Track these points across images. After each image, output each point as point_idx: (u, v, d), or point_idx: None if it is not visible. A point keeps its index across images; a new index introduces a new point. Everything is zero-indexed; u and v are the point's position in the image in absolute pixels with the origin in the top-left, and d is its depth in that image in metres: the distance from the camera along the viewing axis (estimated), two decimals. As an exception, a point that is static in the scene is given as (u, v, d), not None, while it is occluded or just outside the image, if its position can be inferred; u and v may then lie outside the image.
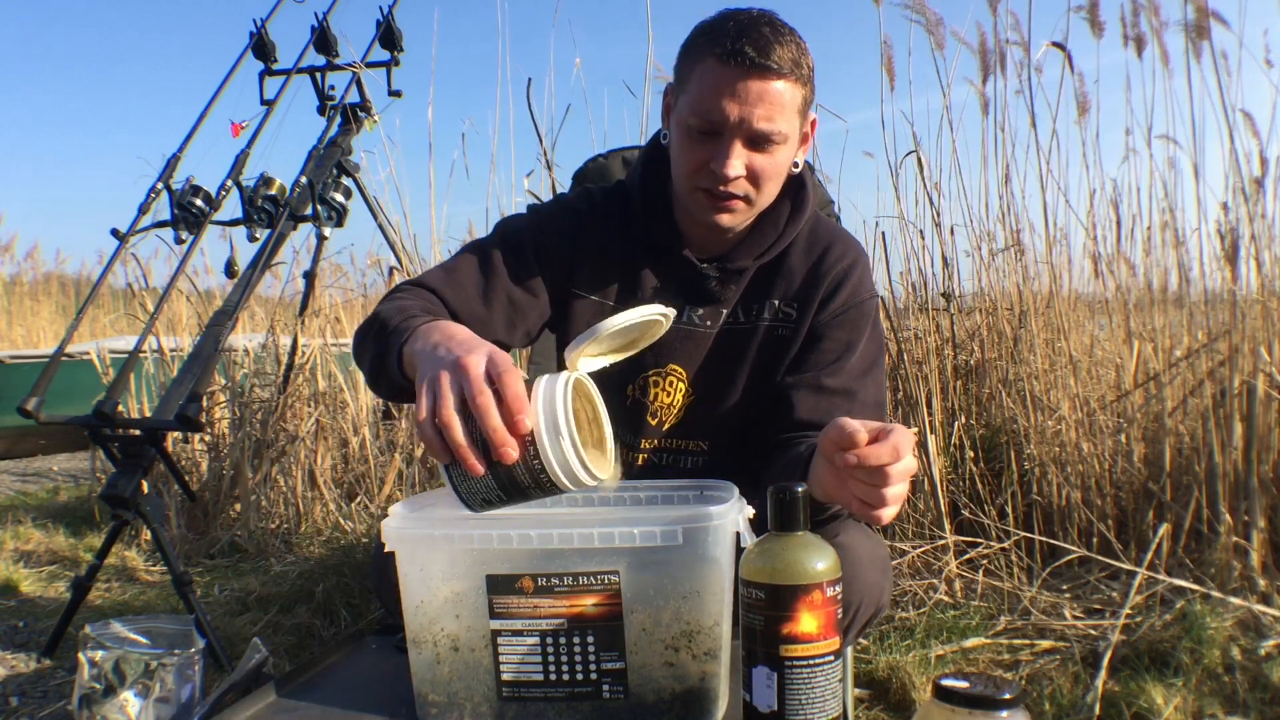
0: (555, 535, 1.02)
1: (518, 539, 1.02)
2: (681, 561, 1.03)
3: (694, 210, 1.47)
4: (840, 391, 1.48)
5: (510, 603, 1.04)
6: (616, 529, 1.01)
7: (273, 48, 3.11)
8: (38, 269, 11.12)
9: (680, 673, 1.04)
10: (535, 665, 1.05)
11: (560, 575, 1.03)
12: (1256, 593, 2.31)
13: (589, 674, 1.05)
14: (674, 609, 1.04)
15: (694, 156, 1.41)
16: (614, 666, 1.04)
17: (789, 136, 1.40)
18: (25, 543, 3.49)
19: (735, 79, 1.35)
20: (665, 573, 1.03)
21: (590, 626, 1.04)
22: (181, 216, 2.73)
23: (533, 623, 1.04)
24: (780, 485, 0.98)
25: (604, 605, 1.04)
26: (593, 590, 1.03)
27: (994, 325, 3.14)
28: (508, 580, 1.04)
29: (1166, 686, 1.96)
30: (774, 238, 1.53)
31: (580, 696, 1.05)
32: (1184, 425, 2.65)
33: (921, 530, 2.77)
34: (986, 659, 2.19)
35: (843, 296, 1.53)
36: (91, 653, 1.41)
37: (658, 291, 1.56)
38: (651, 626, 1.04)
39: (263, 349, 3.97)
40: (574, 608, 1.04)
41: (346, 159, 3.10)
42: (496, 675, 1.06)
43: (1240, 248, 2.62)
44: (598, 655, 1.04)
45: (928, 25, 2.97)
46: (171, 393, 2.43)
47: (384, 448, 3.75)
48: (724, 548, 1.04)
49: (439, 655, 1.07)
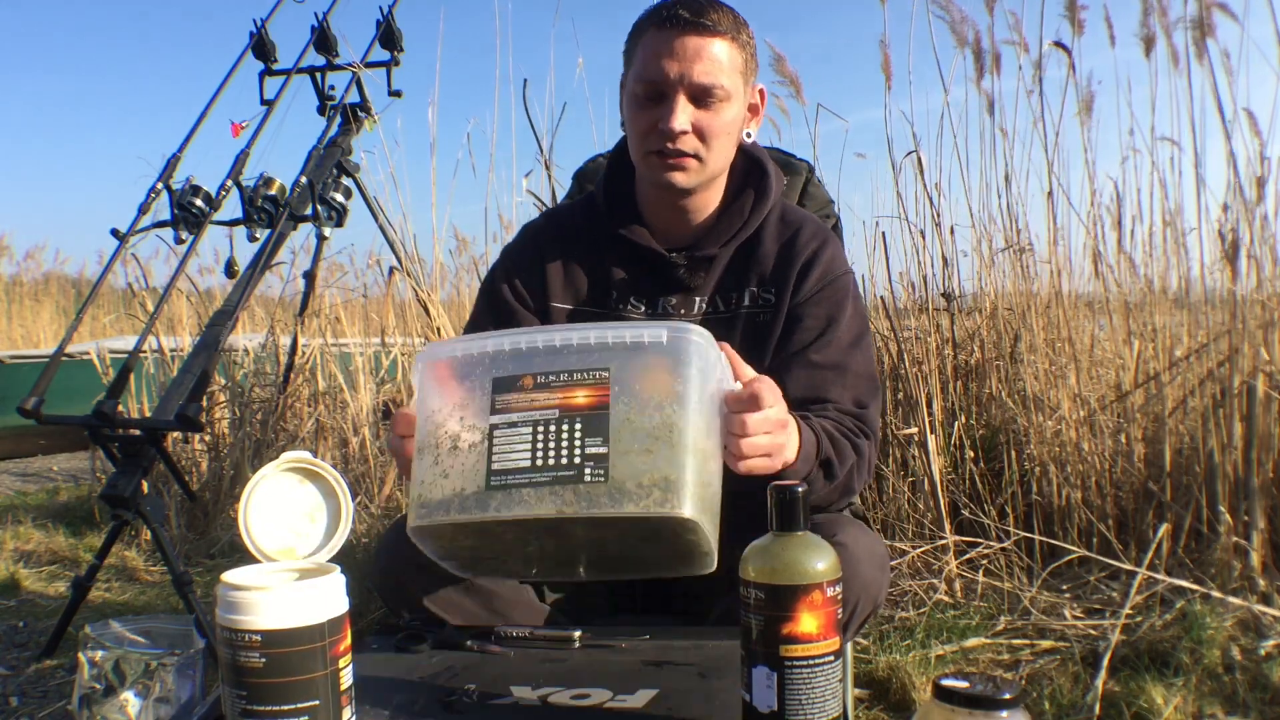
0: (557, 336, 1.12)
1: (526, 341, 1.12)
2: (664, 363, 1.10)
3: (649, 176, 1.55)
4: (830, 366, 1.52)
5: (510, 399, 1.12)
6: (610, 330, 1.11)
7: (273, 48, 3.10)
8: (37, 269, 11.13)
9: (657, 461, 1.07)
10: (524, 452, 1.10)
11: (557, 372, 1.12)
12: (1257, 593, 2.31)
13: (573, 458, 1.09)
14: (656, 403, 1.09)
15: (644, 121, 1.50)
16: (597, 450, 1.08)
17: (731, 94, 1.49)
18: (25, 543, 3.49)
19: (672, 38, 1.46)
20: (650, 370, 1.10)
21: (579, 415, 1.10)
22: (181, 216, 2.72)
23: (527, 415, 1.11)
24: (780, 486, 0.99)
25: (593, 396, 1.10)
26: (585, 384, 1.11)
27: (994, 325, 3.14)
28: (511, 380, 1.12)
29: (1166, 686, 1.96)
30: (740, 224, 1.59)
31: (563, 480, 1.08)
32: (1184, 425, 2.65)
33: (921, 530, 2.77)
34: (986, 659, 2.19)
35: (817, 273, 1.58)
36: (91, 653, 1.40)
37: (625, 284, 1.61)
38: (635, 417, 1.09)
39: (263, 349, 3.97)
40: (566, 399, 1.11)
41: (346, 159, 3.11)
42: (488, 465, 1.10)
43: (1240, 248, 2.62)
44: (583, 440, 1.09)
45: (952, 23, 2.96)
46: (171, 393, 2.43)
47: (384, 447, 3.75)
48: (707, 360, 1.13)
49: (439, 456, 1.13)
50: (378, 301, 4.61)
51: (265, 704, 0.96)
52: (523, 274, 1.64)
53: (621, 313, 1.61)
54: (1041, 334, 2.95)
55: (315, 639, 0.97)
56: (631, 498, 1.06)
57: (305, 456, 1.16)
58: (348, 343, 4.12)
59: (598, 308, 1.62)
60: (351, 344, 4.09)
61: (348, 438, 3.73)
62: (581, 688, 1.17)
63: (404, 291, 4.02)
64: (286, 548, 1.14)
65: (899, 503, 2.85)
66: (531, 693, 1.17)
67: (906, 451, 2.89)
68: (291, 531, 1.15)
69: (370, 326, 4.53)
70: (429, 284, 3.60)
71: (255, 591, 0.97)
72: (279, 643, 0.95)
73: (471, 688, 1.18)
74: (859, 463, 1.46)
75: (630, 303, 1.61)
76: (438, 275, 3.77)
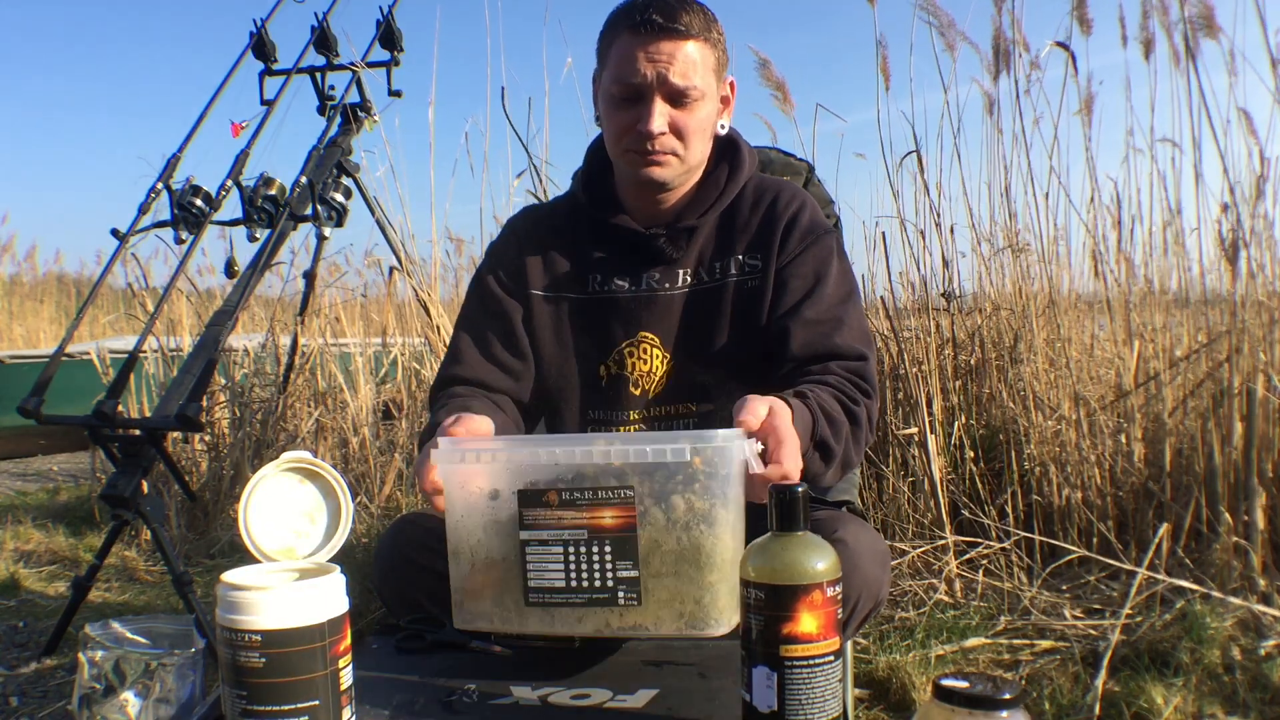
0: (578, 452, 1.12)
1: (546, 456, 1.13)
2: (689, 480, 1.10)
3: (628, 171, 1.59)
4: (826, 320, 1.54)
5: (538, 515, 1.14)
6: (632, 446, 1.11)
7: (273, 48, 3.10)
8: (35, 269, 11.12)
9: (686, 585, 1.10)
10: (558, 572, 1.13)
11: (582, 489, 1.12)
12: (1256, 593, 2.31)
13: (605, 580, 1.12)
14: (683, 524, 1.10)
15: (621, 122, 1.54)
16: (628, 575, 1.12)
17: (705, 93, 1.53)
18: (25, 543, 3.49)
19: (648, 42, 1.49)
20: (675, 488, 1.10)
21: (607, 537, 1.12)
22: (181, 216, 2.72)
23: (556, 533, 1.13)
24: (780, 486, 0.99)
25: (620, 517, 1.11)
26: (610, 503, 1.11)
27: (994, 325, 3.14)
28: (536, 494, 1.13)
29: (1166, 686, 1.96)
30: (716, 194, 1.63)
31: (598, 602, 1.12)
32: (1184, 425, 2.65)
33: (921, 530, 2.77)
34: (986, 659, 2.19)
35: (798, 233, 1.60)
36: (91, 653, 1.40)
37: (605, 263, 1.65)
38: (662, 539, 1.11)
39: (263, 349, 3.97)
40: (594, 520, 1.12)
41: (346, 159, 3.10)
42: (524, 581, 1.14)
43: (1240, 248, 2.62)
44: (613, 564, 1.12)
45: (940, 26, 2.97)
46: (171, 393, 2.43)
47: (384, 448, 3.75)
48: (730, 469, 1.11)
49: (474, 565, 1.17)
50: (377, 301, 4.62)
51: (265, 704, 0.96)
52: (505, 266, 1.68)
53: (605, 294, 1.63)
54: (1041, 334, 2.95)
55: (315, 639, 0.97)
56: (665, 622, 1.11)
57: (305, 456, 1.17)
58: (348, 342, 4.12)
59: (575, 291, 1.65)
60: (351, 343, 4.09)
61: (348, 438, 3.73)
62: (581, 688, 1.18)
63: (404, 291, 4.03)
64: (286, 548, 1.14)
65: (899, 502, 2.85)
66: (531, 692, 1.17)
67: (906, 451, 2.89)
68: (291, 531, 1.16)
69: (370, 326, 4.53)
70: (428, 284, 3.60)
71: (255, 591, 0.97)
72: (279, 643, 0.96)
73: (471, 687, 1.19)
74: (855, 431, 1.44)
75: (614, 282, 1.63)
76: (436, 273, 3.78)
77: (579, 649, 1.31)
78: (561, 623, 1.14)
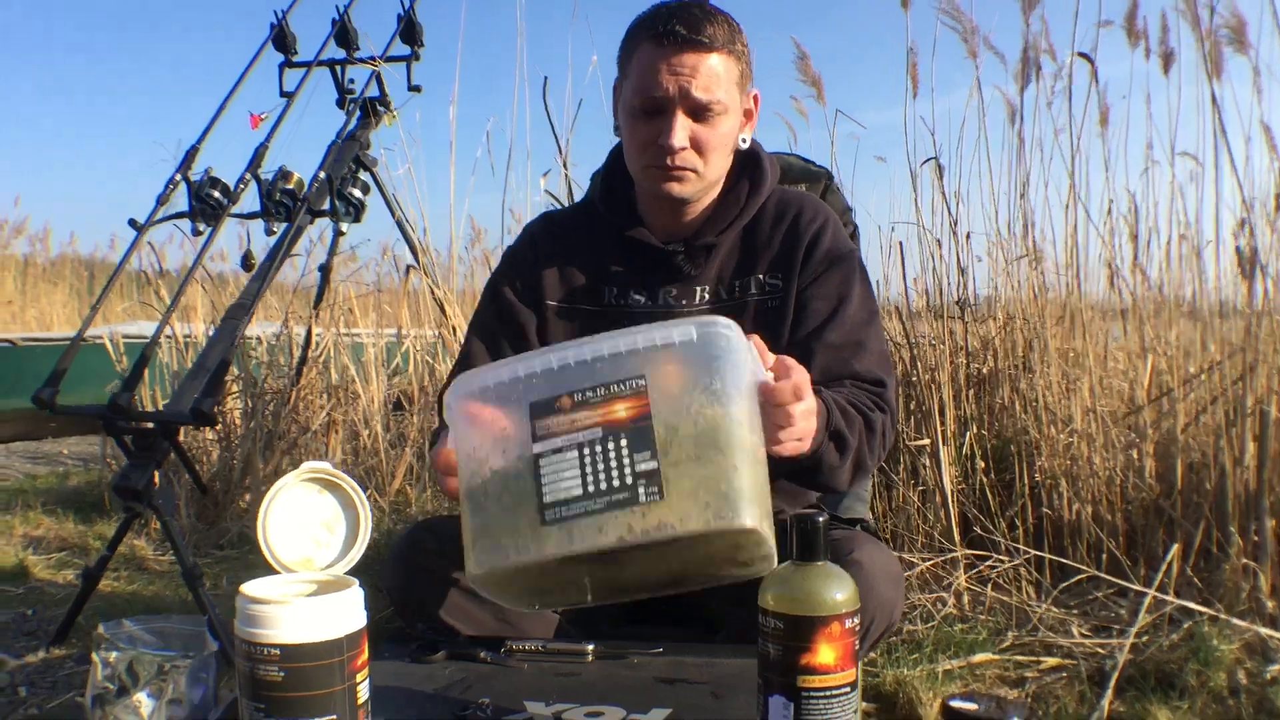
0: (587, 349, 1.09)
1: (556, 359, 1.10)
2: (698, 361, 1.07)
3: (647, 186, 1.57)
4: (847, 344, 1.53)
5: (551, 423, 1.08)
6: (640, 335, 1.08)
7: (293, 40, 3.10)
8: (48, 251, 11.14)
9: (710, 469, 1.04)
10: (574, 480, 1.06)
11: (594, 387, 1.08)
12: (1264, 615, 2.30)
13: (624, 478, 1.05)
14: (698, 405, 1.06)
15: (641, 135, 1.52)
16: (647, 466, 1.05)
17: (728, 107, 1.51)
18: (35, 528, 3.51)
19: (670, 55, 1.46)
20: (685, 371, 1.07)
21: (623, 430, 1.06)
22: (199, 208, 2.72)
23: (570, 437, 1.07)
24: (801, 515, 0.99)
25: (634, 407, 1.07)
26: (622, 396, 1.07)
27: (1008, 334, 3.13)
28: (548, 402, 1.09)
29: (1172, 709, 1.95)
30: (736, 211, 1.61)
31: (619, 504, 1.05)
32: (1196, 441, 2.64)
33: (931, 541, 2.77)
34: (993, 675, 2.19)
35: (821, 253, 1.59)
36: (105, 653, 1.41)
37: (623, 277, 1.63)
38: (679, 423, 1.06)
39: (276, 339, 3.97)
40: (608, 415, 1.07)
41: (365, 154, 3.10)
42: (539, 499, 1.06)
43: (1258, 264, 2.60)
44: (631, 457, 1.05)
45: (963, 33, 2.96)
46: (186, 385, 2.43)
47: (395, 441, 3.76)
48: (737, 355, 1.09)
49: (486, 497, 1.09)
50: (391, 292, 4.62)
51: (283, 717, 0.97)
52: (521, 275, 1.67)
53: (621, 307, 1.63)
54: (1055, 344, 2.94)
55: (334, 654, 0.98)
56: (690, 515, 1.03)
57: (325, 467, 1.17)
58: (360, 334, 4.13)
59: (590, 304, 1.64)
60: (364, 334, 4.10)
61: (359, 430, 3.73)
62: (595, 705, 1.18)
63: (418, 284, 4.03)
64: (305, 558, 1.14)
65: (908, 513, 2.85)
66: (545, 709, 1.17)
67: (918, 460, 2.89)
68: (310, 541, 1.16)
69: (384, 318, 4.53)
70: (445, 282, 3.60)
71: (276, 605, 0.97)
72: (298, 657, 0.96)
73: (485, 701, 1.19)
74: (870, 437, 1.43)
75: (631, 296, 1.63)
76: (453, 268, 3.78)
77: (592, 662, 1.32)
78: (580, 538, 1.04)
